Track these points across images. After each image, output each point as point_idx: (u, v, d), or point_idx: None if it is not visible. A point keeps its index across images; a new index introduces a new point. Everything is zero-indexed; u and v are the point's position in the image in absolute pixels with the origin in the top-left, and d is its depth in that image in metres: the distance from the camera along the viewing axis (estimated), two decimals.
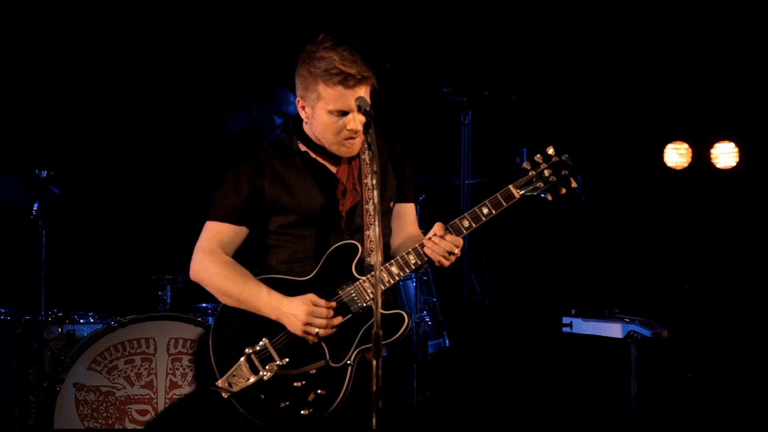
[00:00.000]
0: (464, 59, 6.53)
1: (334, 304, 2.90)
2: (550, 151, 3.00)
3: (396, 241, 3.17)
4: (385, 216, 3.13)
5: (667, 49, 6.52)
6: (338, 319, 2.89)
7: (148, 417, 4.49)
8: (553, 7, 6.54)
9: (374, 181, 2.69)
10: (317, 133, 3.02)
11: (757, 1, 6.18)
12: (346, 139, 2.97)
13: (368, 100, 2.94)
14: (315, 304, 2.87)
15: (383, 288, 2.95)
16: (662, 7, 6.42)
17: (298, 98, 3.01)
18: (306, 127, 3.08)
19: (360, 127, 2.94)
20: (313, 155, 3.08)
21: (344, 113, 2.92)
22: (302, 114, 3.03)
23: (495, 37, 6.60)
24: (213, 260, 3.01)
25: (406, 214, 3.21)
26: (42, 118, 5.83)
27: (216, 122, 6.38)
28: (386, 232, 3.15)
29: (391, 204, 3.15)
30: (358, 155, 3.08)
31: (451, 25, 6.57)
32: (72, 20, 5.85)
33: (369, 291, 2.93)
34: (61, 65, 5.87)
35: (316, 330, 2.85)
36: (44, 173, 4.62)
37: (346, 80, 2.87)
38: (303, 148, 3.09)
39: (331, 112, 2.92)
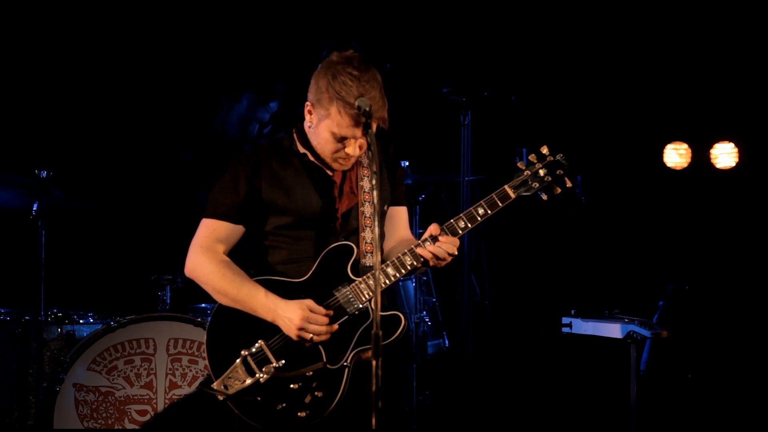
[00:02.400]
0: (464, 59, 6.53)
1: (331, 312, 2.90)
2: (545, 150, 3.00)
3: (388, 244, 3.17)
4: (380, 218, 3.12)
5: (668, 50, 6.52)
6: (334, 327, 2.89)
7: (147, 417, 4.50)
8: (554, 7, 6.54)
9: (373, 182, 2.69)
10: (315, 143, 3.03)
11: (756, 2, 6.18)
12: (340, 159, 3.00)
13: (374, 130, 2.93)
14: (312, 310, 2.86)
15: (380, 289, 2.94)
16: (662, 9, 6.42)
17: (308, 102, 3.00)
18: (307, 129, 3.07)
19: (358, 153, 2.97)
20: (311, 157, 3.07)
21: (344, 139, 2.94)
22: (307, 118, 3.02)
23: (495, 37, 6.60)
24: (210, 258, 3.00)
25: (398, 217, 3.21)
26: (42, 119, 5.84)
27: (212, 125, 6.40)
28: (381, 234, 3.15)
29: (386, 207, 3.15)
30: None
31: (451, 25, 6.58)
32: (72, 22, 5.86)
33: (365, 292, 2.92)
34: (61, 67, 5.88)
35: (310, 335, 2.85)
36: (44, 173, 4.62)
37: (359, 117, 2.85)
38: (302, 149, 3.08)
39: (333, 134, 2.93)
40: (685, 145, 6.58)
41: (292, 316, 2.85)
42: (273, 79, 6.48)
